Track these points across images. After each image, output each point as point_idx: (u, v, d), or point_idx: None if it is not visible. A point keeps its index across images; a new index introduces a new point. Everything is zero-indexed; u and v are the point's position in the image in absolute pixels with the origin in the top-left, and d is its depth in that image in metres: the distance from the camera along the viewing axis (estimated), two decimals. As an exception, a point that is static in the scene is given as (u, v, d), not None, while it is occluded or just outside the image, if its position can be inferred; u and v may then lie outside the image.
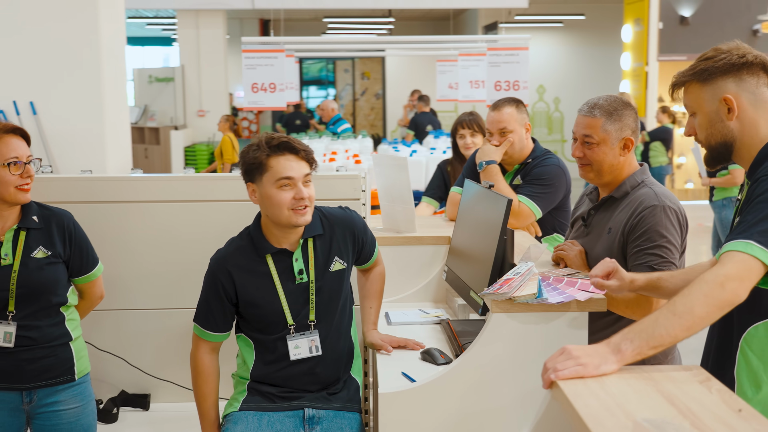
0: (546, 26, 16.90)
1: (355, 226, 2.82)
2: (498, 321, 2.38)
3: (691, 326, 1.80)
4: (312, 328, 2.69)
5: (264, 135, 2.62)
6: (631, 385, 1.70)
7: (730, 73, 2.05)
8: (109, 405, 3.23)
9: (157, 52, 22.80)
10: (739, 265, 1.84)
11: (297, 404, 2.67)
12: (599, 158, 2.68)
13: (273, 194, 2.57)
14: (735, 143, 2.08)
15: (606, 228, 2.68)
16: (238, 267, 2.64)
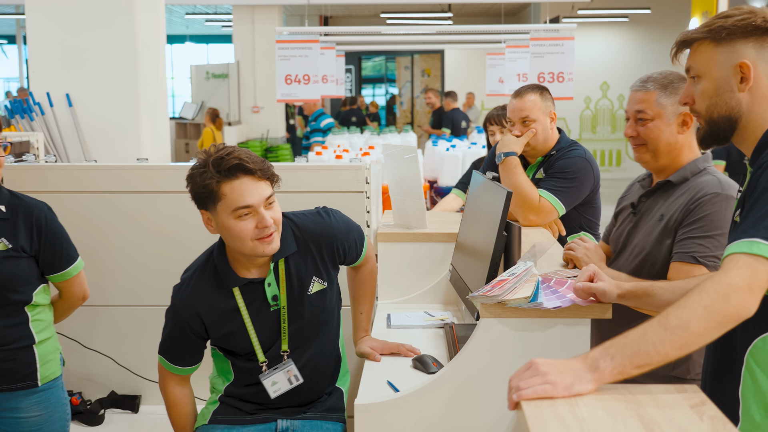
0: (610, 21, 16.36)
1: (334, 236, 2.49)
2: (487, 327, 2.11)
3: (686, 344, 1.50)
4: (285, 359, 2.43)
5: (212, 150, 2.26)
6: (607, 409, 1.43)
7: (752, 36, 1.74)
8: (95, 406, 3.07)
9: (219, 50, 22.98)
10: (745, 270, 1.54)
11: (269, 416, 2.46)
12: (654, 135, 2.40)
13: (232, 226, 2.24)
14: (740, 120, 1.77)
15: (657, 215, 2.40)
16: (205, 306, 2.36)
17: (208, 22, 18.32)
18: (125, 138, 5.91)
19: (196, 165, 2.27)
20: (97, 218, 3.13)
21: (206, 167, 2.23)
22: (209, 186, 2.22)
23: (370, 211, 3.11)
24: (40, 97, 5.97)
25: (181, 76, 22.85)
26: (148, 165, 3.26)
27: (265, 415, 2.46)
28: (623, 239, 2.54)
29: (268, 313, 2.39)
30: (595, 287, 2.02)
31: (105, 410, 3.09)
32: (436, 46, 15.47)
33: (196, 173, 2.25)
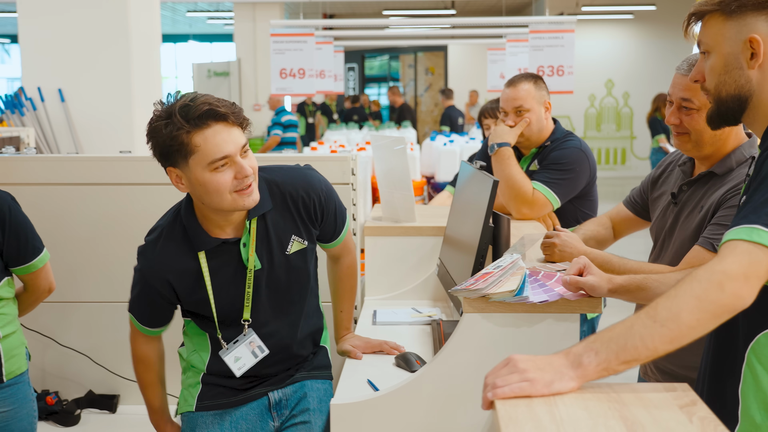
0: (615, 18, 16.22)
1: (312, 188, 2.25)
2: (470, 322, 1.99)
3: (677, 337, 1.38)
4: (246, 329, 2.23)
5: (173, 101, 2.00)
6: (588, 409, 1.31)
7: (766, 9, 1.60)
8: (71, 406, 2.96)
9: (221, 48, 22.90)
10: (742, 258, 1.41)
11: (259, 392, 2.30)
12: (699, 127, 2.20)
13: (208, 180, 2.00)
14: (751, 99, 1.62)
15: (698, 206, 2.22)
16: (174, 272, 2.16)
17: (210, 21, 18.23)
18: (118, 133, 5.83)
19: (158, 116, 1.99)
20: (76, 211, 3.02)
21: (171, 117, 1.96)
22: (178, 138, 1.96)
23: (357, 203, 2.99)
24: (32, 93, 5.90)
25: (186, 75, 22.78)
26: (128, 156, 3.15)
27: (255, 391, 2.30)
28: (667, 233, 2.36)
29: (243, 277, 2.17)
30: (584, 281, 1.91)
31: (81, 410, 2.98)
32: (437, 41, 15.35)
33: (160, 125, 1.97)
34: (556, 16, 8.93)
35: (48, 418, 2.91)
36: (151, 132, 2.01)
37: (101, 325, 3.02)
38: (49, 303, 2.99)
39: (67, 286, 3.03)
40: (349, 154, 3.00)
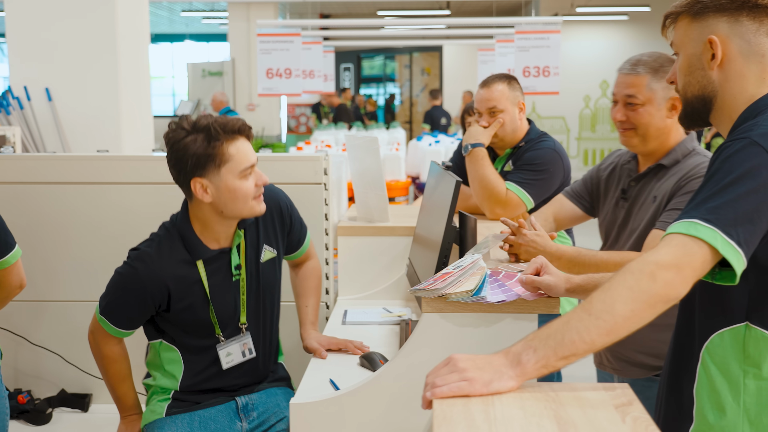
0: (610, 19, 16.22)
1: (281, 201, 2.48)
2: (429, 322, 2.00)
3: (612, 329, 1.38)
4: (244, 332, 2.41)
5: (202, 119, 2.21)
6: (524, 408, 1.31)
7: (726, 11, 1.61)
8: (43, 405, 2.95)
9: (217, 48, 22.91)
10: (676, 249, 1.41)
11: (226, 397, 2.42)
12: (645, 121, 2.33)
13: (238, 187, 2.22)
14: (715, 100, 1.64)
15: (650, 197, 2.32)
16: (172, 277, 2.28)
17: (205, 20, 18.23)
18: (105, 132, 5.83)
19: (187, 131, 2.20)
20: (51, 210, 3.02)
21: (207, 130, 2.18)
22: (218, 149, 2.18)
23: (330, 203, 3.00)
24: (19, 92, 5.90)
25: (181, 74, 22.81)
26: (105, 156, 3.15)
27: (223, 398, 2.42)
28: (620, 227, 2.44)
29: (230, 284, 2.36)
30: (540, 281, 1.91)
31: (53, 409, 2.97)
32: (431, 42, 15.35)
33: (194, 138, 2.19)
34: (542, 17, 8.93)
35: (19, 417, 2.91)
36: (182, 147, 2.19)
37: (74, 324, 3.01)
38: (22, 301, 3.01)
39: (41, 284, 3.03)
40: (321, 153, 3.00)
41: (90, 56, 5.78)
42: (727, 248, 1.41)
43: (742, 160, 1.45)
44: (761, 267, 1.51)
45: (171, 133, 2.23)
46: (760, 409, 1.55)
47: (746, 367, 1.55)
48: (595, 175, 2.62)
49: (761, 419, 1.54)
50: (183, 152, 2.20)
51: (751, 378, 1.55)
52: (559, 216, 2.65)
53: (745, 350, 1.55)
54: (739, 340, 1.56)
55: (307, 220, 2.96)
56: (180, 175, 2.25)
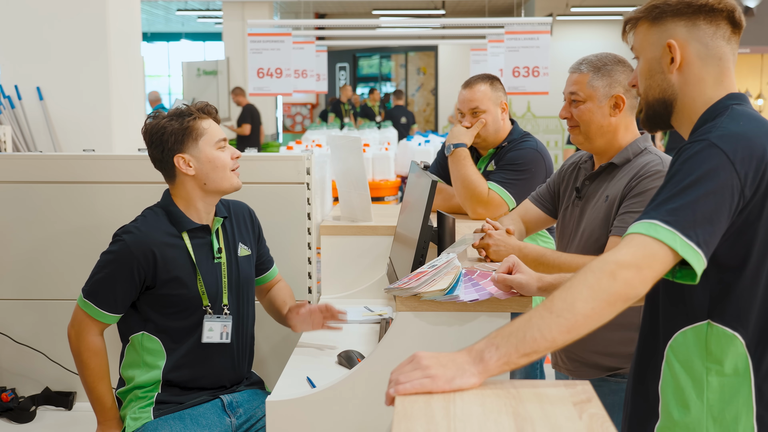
0: (604, 19, 16.24)
1: (250, 209, 2.70)
2: (403, 321, 2.02)
3: (573, 326, 1.40)
4: (226, 313, 2.49)
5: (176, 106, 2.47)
6: (484, 405, 1.33)
7: (684, 15, 1.65)
8: (26, 403, 2.97)
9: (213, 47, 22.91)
10: (636, 249, 1.44)
11: (210, 395, 2.48)
12: (586, 118, 2.37)
13: (216, 156, 2.43)
14: (675, 103, 1.68)
15: (603, 196, 2.35)
16: (158, 245, 2.40)
17: (200, 19, 18.24)
18: (96, 132, 5.83)
19: (164, 117, 2.43)
20: (35, 210, 3.04)
21: (181, 112, 2.42)
22: (192, 123, 2.41)
23: (313, 202, 3.02)
24: (9, 91, 5.91)
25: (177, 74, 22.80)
26: (90, 155, 3.16)
27: (206, 396, 2.47)
28: (574, 226, 2.47)
29: (212, 264, 2.48)
30: (512, 279, 1.94)
31: (37, 407, 2.99)
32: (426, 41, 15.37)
33: (169, 120, 2.41)
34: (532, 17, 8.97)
35: (3, 415, 2.93)
36: (160, 129, 2.41)
37: (58, 322, 3.03)
38: (6, 300, 3.04)
39: (26, 282, 3.05)
40: (304, 153, 3.02)
41: (81, 55, 5.78)
42: (686, 249, 1.43)
43: (702, 162, 1.48)
44: (721, 266, 1.54)
45: (148, 123, 2.46)
46: (723, 405, 1.57)
47: (709, 364, 1.58)
48: (557, 177, 2.65)
49: (724, 415, 1.57)
50: (162, 133, 2.41)
51: (714, 375, 1.58)
52: (526, 219, 2.67)
53: (708, 348, 1.58)
54: (701, 337, 1.58)
55: (290, 220, 3.00)
56: (162, 154, 2.42)
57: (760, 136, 1.54)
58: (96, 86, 5.84)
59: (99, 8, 5.78)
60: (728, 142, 1.50)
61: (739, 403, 1.57)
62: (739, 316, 1.56)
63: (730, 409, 1.57)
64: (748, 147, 1.50)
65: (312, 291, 3.08)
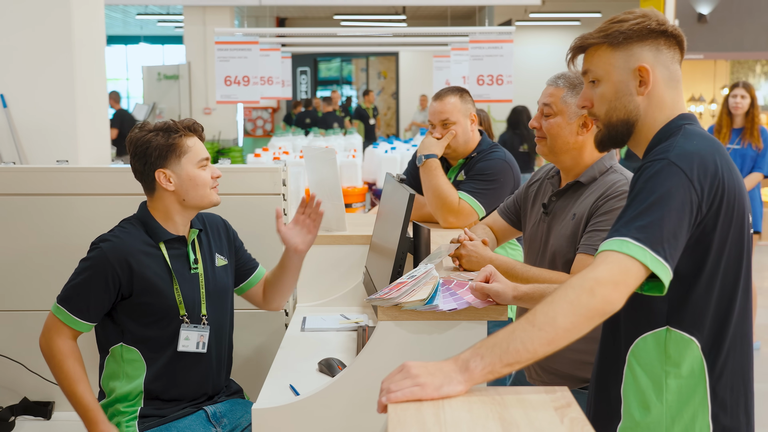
0: (562, 24, 16.52)
1: (222, 219, 2.76)
2: (385, 330, 2.10)
3: (553, 339, 1.50)
4: (204, 323, 2.55)
5: (159, 122, 2.51)
6: (471, 411, 1.42)
7: (648, 40, 1.75)
8: (5, 413, 3.00)
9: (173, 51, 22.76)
10: (612, 266, 1.54)
11: (194, 407, 2.53)
12: (554, 132, 2.44)
13: (197, 174, 2.49)
14: (637, 123, 1.78)
15: (570, 214, 2.43)
16: (135, 253, 2.44)
17: (160, 23, 18.14)
18: (61, 140, 5.81)
19: (149, 130, 2.48)
20: (11, 221, 3.07)
21: (168, 127, 2.47)
22: (177, 141, 2.46)
23: (288, 213, 3.08)
24: (-28, 99, 5.87)
25: (136, 77, 22.61)
26: (66, 167, 3.20)
27: (190, 409, 2.52)
28: (542, 242, 2.55)
29: (188, 274, 2.53)
30: (489, 287, 2.03)
31: (16, 417, 3.02)
32: (389, 48, 15.49)
33: (155, 134, 2.46)
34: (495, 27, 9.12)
35: (-19, 426, 2.96)
36: (145, 142, 2.46)
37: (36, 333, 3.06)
38: (-18, 312, 3.06)
39: (2, 294, 3.07)
40: (280, 164, 3.09)
41: (46, 62, 5.75)
42: (656, 264, 1.53)
43: (663, 180, 1.59)
44: (678, 275, 1.65)
45: (134, 133, 2.50)
46: (681, 406, 1.69)
47: (668, 367, 1.69)
48: (523, 190, 2.73)
49: (682, 414, 1.69)
50: (146, 146, 2.46)
51: (672, 377, 1.69)
52: (494, 229, 2.77)
53: (667, 352, 1.69)
54: (660, 342, 1.70)
55: (266, 230, 3.06)
56: (144, 167, 2.48)
57: (712, 153, 1.66)
58: (61, 93, 5.80)
59: (64, 14, 5.76)
60: (685, 161, 1.61)
61: (695, 403, 1.68)
62: (695, 322, 1.68)
63: (688, 409, 1.68)
64: (703, 165, 1.62)
65: (289, 299, 3.14)
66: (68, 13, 5.73)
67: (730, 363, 1.70)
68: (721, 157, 1.66)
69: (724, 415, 1.69)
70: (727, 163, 1.67)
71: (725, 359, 1.69)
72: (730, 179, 1.65)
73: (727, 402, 1.70)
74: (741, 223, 1.67)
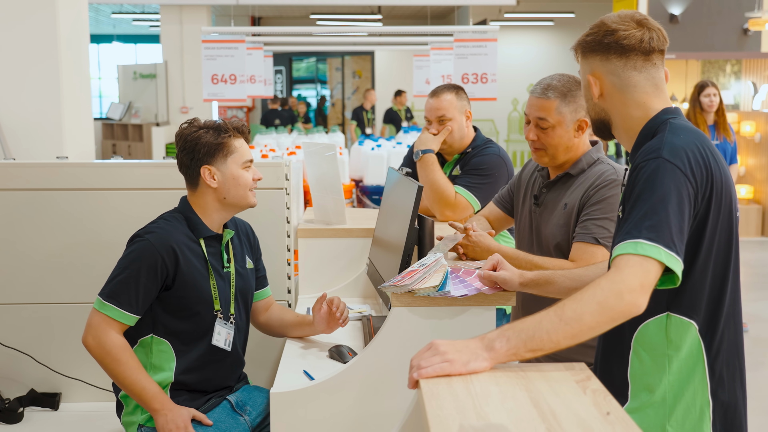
0: (536, 24, 16.72)
1: (252, 229, 2.84)
2: (398, 316, 2.20)
3: (577, 334, 1.60)
4: (232, 321, 2.63)
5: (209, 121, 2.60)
6: (499, 385, 1.52)
7: (597, 51, 1.90)
8: (14, 404, 3.05)
9: (147, 50, 22.66)
10: (635, 269, 1.63)
11: (216, 399, 2.60)
12: (554, 142, 2.56)
13: (240, 175, 2.57)
14: (610, 121, 1.94)
15: (561, 204, 2.56)
16: (180, 245, 2.50)
17: (135, 22, 18.07)
18: (46, 137, 5.82)
19: (200, 127, 2.56)
20: (16, 216, 3.12)
21: (218, 126, 2.56)
22: (226, 140, 2.55)
23: (291, 207, 3.17)
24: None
25: (109, 76, 22.48)
26: (68, 162, 3.26)
27: (215, 399, 2.59)
28: (534, 230, 2.67)
29: (223, 273, 2.61)
30: (496, 275, 2.13)
31: (24, 408, 3.07)
32: (366, 47, 15.59)
33: (206, 132, 2.54)
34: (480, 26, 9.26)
35: (-9, 416, 3.01)
36: (195, 138, 2.55)
37: (44, 325, 3.12)
38: (-9, 305, 3.11)
39: (10, 287, 3.12)
40: (283, 159, 3.17)
41: (32, 60, 5.77)
42: (670, 260, 1.64)
43: (661, 178, 1.70)
44: None
45: (184, 129, 2.59)
46: (682, 385, 1.80)
47: (670, 351, 1.81)
48: (516, 180, 2.86)
49: (683, 393, 1.80)
50: (196, 142, 2.54)
51: (674, 359, 1.80)
52: (490, 219, 2.88)
53: (668, 336, 1.81)
54: (662, 328, 1.81)
55: (271, 225, 3.14)
56: (191, 162, 2.55)
57: (699, 146, 1.77)
58: (47, 91, 5.83)
59: (49, 12, 5.78)
60: (677, 157, 1.73)
61: (695, 381, 1.80)
62: (693, 306, 1.79)
63: (689, 387, 1.80)
64: (694, 158, 1.74)
65: (291, 291, 3.23)
66: (53, 11, 5.76)
67: (725, 341, 1.82)
68: (706, 147, 1.78)
69: (722, 390, 1.81)
70: (713, 153, 1.80)
71: (720, 338, 1.81)
72: (716, 168, 1.77)
73: (725, 378, 1.82)
74: (729, 209, 1.80)
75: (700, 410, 1.78)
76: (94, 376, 3.10)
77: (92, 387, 3.13)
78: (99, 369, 2.55)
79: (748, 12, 11.51)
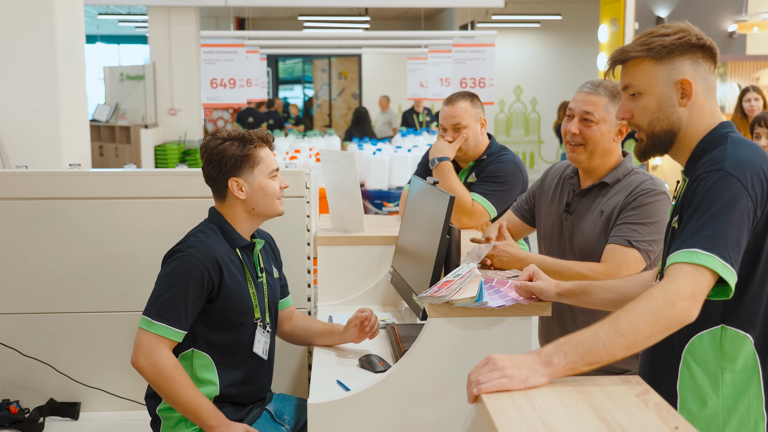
0: (523, 26, 16.78)
1: (273, 240, 2.86)
2: (435, 326, 2.21)
3: (633, 346, 1.63)
4: (268, 330, 2.66)
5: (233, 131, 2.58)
6: (561, 399, 1.54)
7: (688, 53, 1.86)
8: (35, 414, 3.04)
9: (133, 50, 22.53)
10: (688, 278, 1.65)
11: (256, 411, 2.62)
12: (596, 138, 2.60)
13: (268, 185, 2.57)
14: (679, 132, 1.90)
15: (596, 211, 2.61)
16: (222, 257, 2.50)
17: (121, 23, 17.96)
18: (45, 143, 5.79)
19: (225, 138, 2.54)
20: (32, 225, 3.10)
21: (243, 137, 2.54)
22: (251, 151, 2.55)
23: (311, 215, 3.17)
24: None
25: (93, 77, 22.31)
26: (82, 171, 3.25)
27: (253, 412, 2.61)
28: (565, 237, 2.70)
29: (257, 282, 2.62)
30: (533, 285, 2.15)
31: (44, 418, 3.06)
32: (354, 50, 15.59)
33: (231, 144, 2.53)
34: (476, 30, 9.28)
35: (12, 426, 2.99)
36: (220, 151, 2.53)
37: (63, 334, 3.11)
38: (11, 314, 3.09)
39: (29, 296, 3.11)
40: (303, 168, 3.17)
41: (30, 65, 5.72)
42: (725, 271, 1.66)
43: (722, 190, 1.72)
44: None
45: (209, 142, 2.58)
46: (736, 398, 1.82)
47: (723, 363, 1.82)
48: (537, 189, 2.89)
49: (738, 406, 1.82)
50: (222, 155, 2.53)
51: (728, 372, 1.82)
52: (509, 227, 2.91)
53: (722, 348, 1.82)
54: (716, 340, 1.83)
55: (291, 233, 3.15)
56: (218, 175, 2.55)
57: (760, 160, 1.79)
58: (45, 97, 5.79)
59: (47, 18, 5.74)
60: (740, 170, 1.74)
61: (750, 395, 1.82)
62: (749, 319, 1.81)
63: (743, 401, 1.82)
64: (755, 173, 1.75)
65: (311, 299, 3.23)
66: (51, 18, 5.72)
67: None
68: (766, 162, 1.80)
69: None
70: None
71: None
72: None
73: None
74: None
75: (755, 423, 1.80)
76: (114, 385, 3.11)
77: (112, 396, 3.13)
78: (119, 378, 2.56)
79: (736, 15, 11.63)
